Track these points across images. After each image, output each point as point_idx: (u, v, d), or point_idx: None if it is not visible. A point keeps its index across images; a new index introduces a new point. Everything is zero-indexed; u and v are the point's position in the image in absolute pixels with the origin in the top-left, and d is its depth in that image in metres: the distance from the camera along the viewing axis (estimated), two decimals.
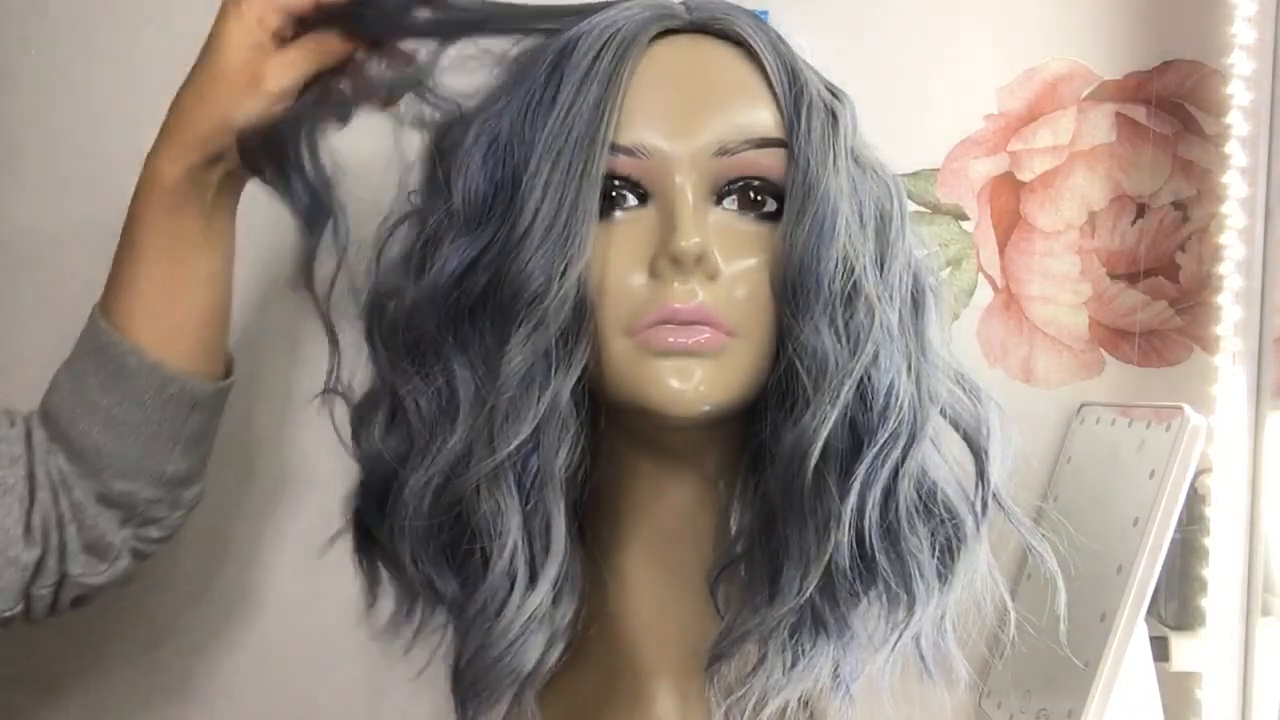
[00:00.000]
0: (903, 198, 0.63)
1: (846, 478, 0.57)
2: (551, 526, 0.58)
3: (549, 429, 0.57)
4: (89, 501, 0.67)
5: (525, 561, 0.57)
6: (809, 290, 0.57)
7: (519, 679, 0.58)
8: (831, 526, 0.57)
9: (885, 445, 0.57)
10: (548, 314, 0.55)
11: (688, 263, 0.56)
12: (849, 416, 0.57)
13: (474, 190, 0.60)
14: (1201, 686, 0.86)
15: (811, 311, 0.57)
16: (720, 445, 0.63)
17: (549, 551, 0.58)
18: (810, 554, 0.57)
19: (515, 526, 0.57)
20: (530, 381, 0.56)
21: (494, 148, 0.60)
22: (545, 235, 0.56)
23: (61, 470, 0.67)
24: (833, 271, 0.57)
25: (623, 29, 0.59)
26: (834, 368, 0.56)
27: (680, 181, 0.57)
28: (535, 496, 0.57)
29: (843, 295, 0.57)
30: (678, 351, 0.56)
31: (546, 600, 0.58)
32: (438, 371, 0.59)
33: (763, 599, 0.59)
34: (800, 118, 0.59)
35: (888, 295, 0.59)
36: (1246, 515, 0.85)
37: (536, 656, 0.58)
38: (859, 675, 0.62)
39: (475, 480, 0.57)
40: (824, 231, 0.57)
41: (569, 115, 0.57)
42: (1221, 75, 0.91)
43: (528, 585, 0.57)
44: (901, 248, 0.61)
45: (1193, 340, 0.95)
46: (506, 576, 0.57)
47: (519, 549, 0.57)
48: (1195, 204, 0.94)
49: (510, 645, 0.57)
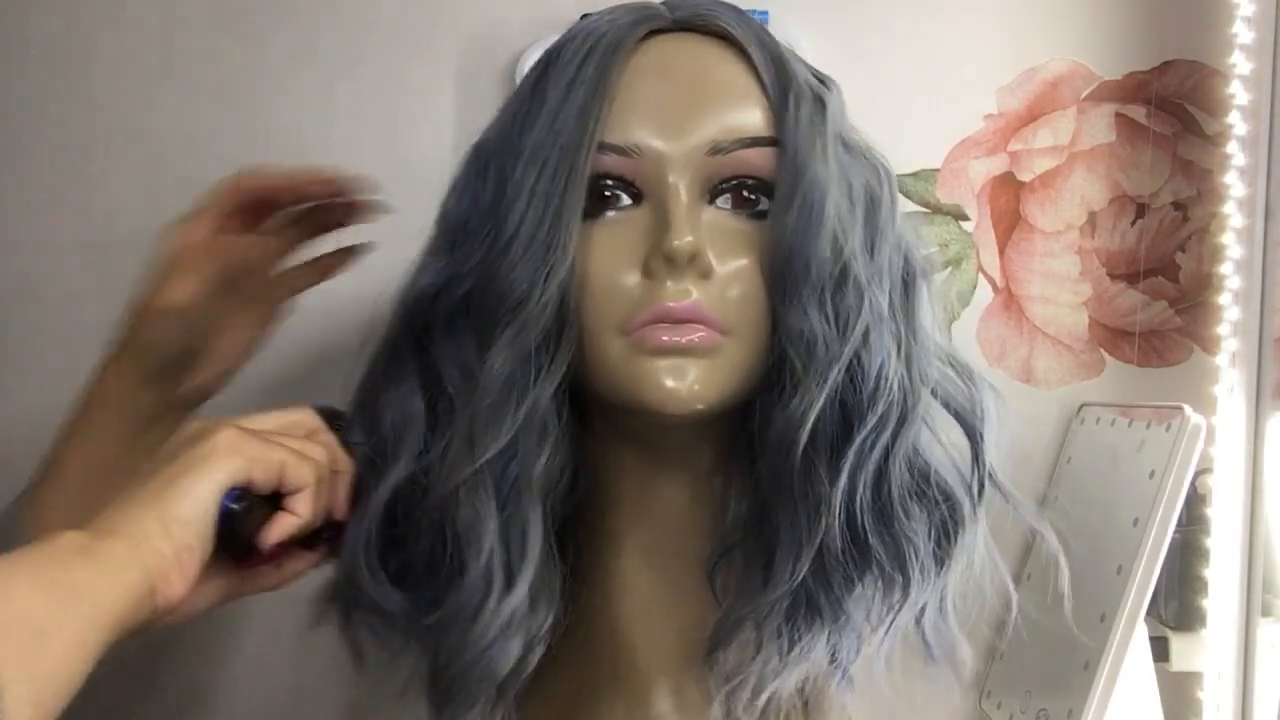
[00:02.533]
0: (892, 180, 0.63)
1: (836, 460, 0.57)
2: (528, 532, 0.58)
3: (528, 435, 0.57)
4: None
5: (502, 565, 0.57)
6: (798, 275, 0.57)
7: (495, 682, 0.59)
8: (822, 510, 0.57)
9: (875, 427, 0.57)
10: (530, 319, 0.56)
11: (681, 262, 0.56)
12: (839, 399, 0.57)
13: (457, 207, 0.61)
14: (1201, 686, 0.86)
15: (801, 296, 0.57)
16: (713, 442, 0.63)
17: (525, 556, 0.58)
18: (802, 538, 0.57)
19: (491, 531, 0.57)
20: (510, 387, 0.56)
21: (481, 159, 0.61)
22: (530, 241, 0.56)
23: None
24: (822, 256, 0.57)
25: (607, 33, 0.59)
26: (823, 351, 0.56)
27: (674, 181, 0.58)
28: (512, 503, 0.58)
29: (832, 279, 0.57)
30: (671, 350, 0.56)
31: (523, 604, 0.58)
32: (417, 380, 0.60)
33: (757, 585, 0.59)
34: (788, 107, 0.59)
35: (877, 278, 0.59)
36: (1246, 515, 0.85)
37: (513, 660, 0.58)
38: (855, 659, 0.63)
39: (453, 486, 0.57)
40: (812, 217, 0.57)
41: (555, 121, 0.58)
42: (1221, 75, 0.91)
43: (504, 589, 0.57)
44: (891, 230, 0.61)
45: (1193, 340, 0.95)
46: (482, 580, 0.57)
47: (495, 554, 0.57)
48: (1195, 204, 0.94)
49: (486, 649, 0.57)
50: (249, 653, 0.95)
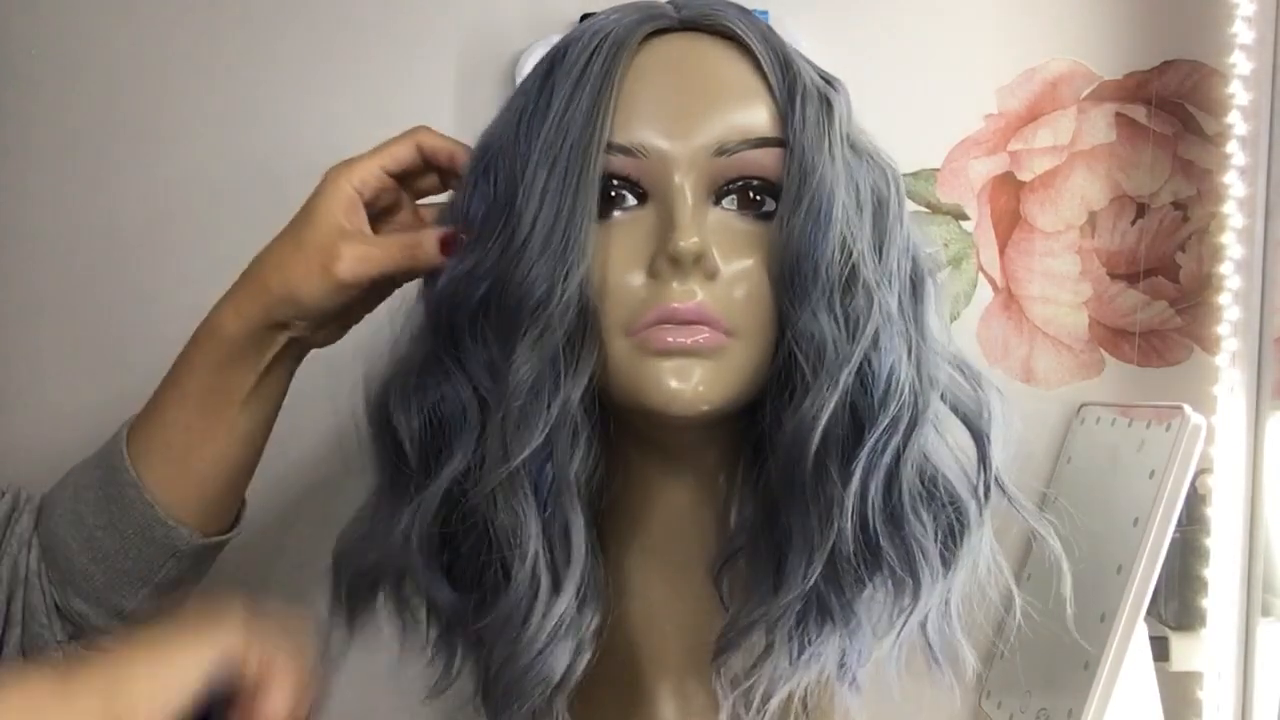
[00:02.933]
0: (900, 183, 0.63)
1: (848, 463, 0.57)
2: (571, 533, 0.57)
3: (561, 435, 0.56)
4: (42, 609, 0.65)
5: (547, 568, 0.57)
6: (806, 277, 0.57)
7: (549, 687, 0.58)
8: (834, 513, 0.56)
9: (887, 430, 0.57)
10: (553, 320, 0.55)
11: (686, 263, 0.56)
12: (850, 402, 0.57)
13: (469, 210, 0.60)
14: (1201, 686, 0.86)
15: (810, 298, 0.56)
16: (720, 443, 0.63)
17: (570, 558, 0.57)
18: (814, 541, 0.57)
19: (534, 534, 0.56)
20: (540, 388, 0.56)
21: (490, 161, 0.60)
22: (546, 242, 0.56)
23: (29, 568, 0.65)
24: (830, 258, 0.57)
25: (613, 32, 0.59)
26: (833, 354, 0.56)
27: (679, 181, 0.57)
28: (552, 504, 0.57)
29: (841, 281, 0.57)
30: (677, 351, 0.56)
31: (571, 607, 0.57)
32: (443, 390, 0.59)
33: (768, 589, 0.59)
34: (795, 108, 0.59)
35: (886, 280, 0.59)
36: (1246, 515, 0.85)
37: (565, 664, 0.58)
38: (865, 663, 0.62)
39: (490, 490, 0.56)
40: (820, 219, 0.57)
41: (563, 120, 0.57)
42: (1221, 75, 0.91)
43: (551, 593, 0.57)
44: (900, 233, 0.61)
45: (1193, 340, 0.95)
46: (530, 586, 0.56)
47: (540, 557, 0.56)
48: (1195, 204, 0.94)
49: (539, 654, 0.57)
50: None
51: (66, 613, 0.65)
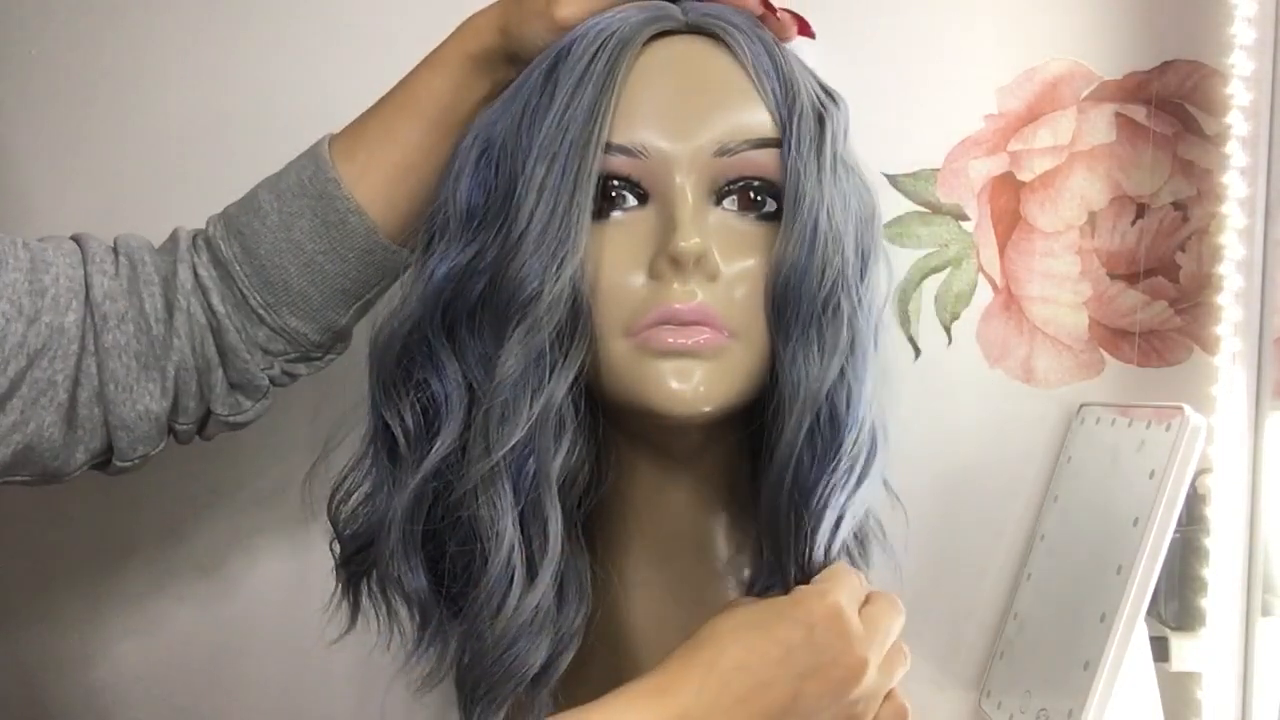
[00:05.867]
0: (877, 203, 0.65)
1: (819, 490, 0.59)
2: (548, 527, 0.57)
3: (544, 431, 0.57)
4: (243, 343, 0.68)
5: (523, 560, 0.57)
6: (791, 306, 0.57)
7: (522, 680, 0.58)
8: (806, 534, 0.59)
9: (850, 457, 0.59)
10: (542, 315, 0.55)
11: (687, 263, 0.56)
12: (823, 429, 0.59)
13: (467, 196, 0.60)
14: (1201, 686, 0.86)
15: (795, 327, 0.57)
16: (719, 445, 0.63)
17: (546, 552, 0.57)
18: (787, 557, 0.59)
19: (510, 527, 0.57)
20: (525, 383, 0.56)
21: (488, 154, 0.61)
22: (541, 237, 0.56)
23: (232, 299, 0.68)
24: (814, 289, 0.58)
25: (618, 31, 0.59)
26: (816, 372, 0.58)
27: (680, 181, 0.57)
28: (531, 498, 0.57)
29: (824, 310, 0.58)
30: (677, 352, 0.56)
31: (547, 600, 0.58)
32: (433, 379, 0.59)
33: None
34: (791, 124, 0.59)
35: (866, 306, 0.61)
36: (1246, 515, 0.85)
37: (541, 658, 0.58)
38: None
39: (472, 483, 0.57)
40: (806, 246, 0.58)
41: (565, 117, 0.57)
42: (1221, 75, 0.91)
43: (526, 584, 0.57)
44: (877, 253, 0.63)
45: (1193, 340, 0.95)
46: (504, 576, 0.57)
47: (515, 549, 0.57)
48: (1195, 204, 0.94)
49: (511, 646, 0.57)
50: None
51: (284, 331, 0.69)
